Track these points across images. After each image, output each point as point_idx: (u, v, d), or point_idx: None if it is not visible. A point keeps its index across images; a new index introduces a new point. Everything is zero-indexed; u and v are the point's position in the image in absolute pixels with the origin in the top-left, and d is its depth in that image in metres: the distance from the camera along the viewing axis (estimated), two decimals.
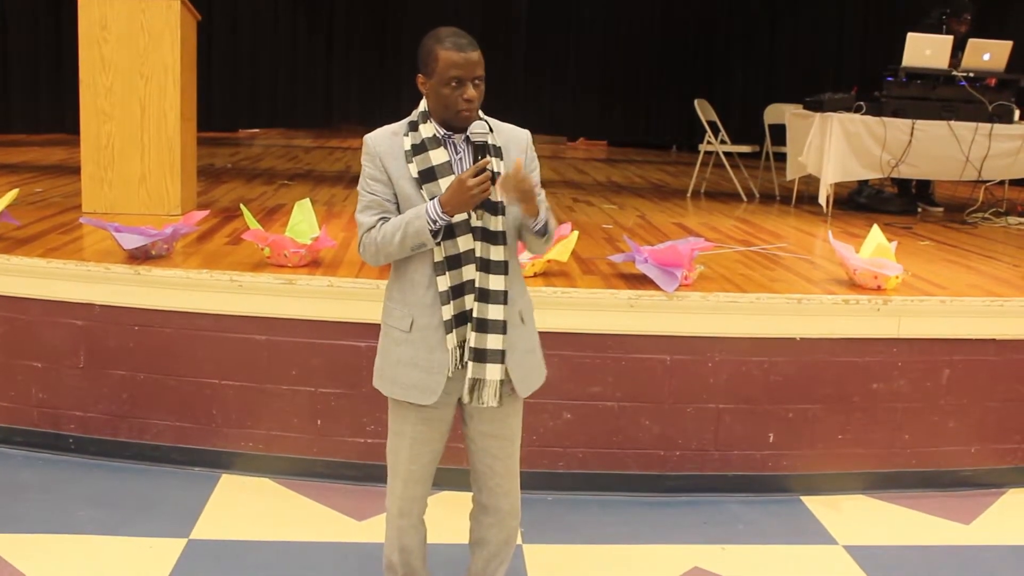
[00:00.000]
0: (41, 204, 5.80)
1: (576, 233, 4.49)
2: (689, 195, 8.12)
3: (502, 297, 2.54)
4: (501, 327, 2.54)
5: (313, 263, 4.31)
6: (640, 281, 4.18)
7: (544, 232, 2.57)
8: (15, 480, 3.98)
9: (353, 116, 13.14)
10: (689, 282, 4.16)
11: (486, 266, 2.53)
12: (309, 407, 4.07)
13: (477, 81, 2.47)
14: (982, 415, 4.23)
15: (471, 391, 2.57)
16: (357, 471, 4.06)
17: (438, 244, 2.48)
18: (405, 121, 2.58)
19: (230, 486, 4.02)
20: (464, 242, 2.51)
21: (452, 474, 3.36)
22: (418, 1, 12.55)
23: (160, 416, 4.15)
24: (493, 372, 2.55)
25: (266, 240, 4.25)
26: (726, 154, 8.08)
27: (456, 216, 2.46)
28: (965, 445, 4.25)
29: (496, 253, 2.54)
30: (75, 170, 6.24)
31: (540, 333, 2.57)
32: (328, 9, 12.94)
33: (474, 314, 2.52)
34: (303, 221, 4.39)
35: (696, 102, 8.17)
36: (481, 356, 2.54)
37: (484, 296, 2.52)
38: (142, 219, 4.97)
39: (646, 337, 4.02)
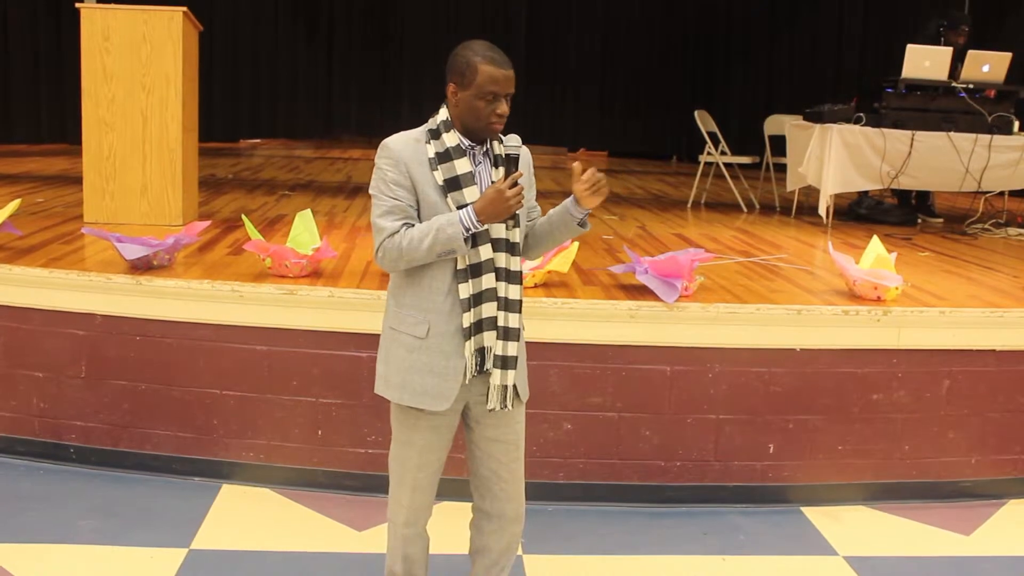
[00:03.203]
0: (43, 214, 5.82)
1: (576, 244, 4.49)
2: (689, 206, 8.13)
3: (518, 306, 2.64)
4: (517, 335, 2.64)
5: (314, 274, 4.32)
6: (640, 292, 4.19)
7: (585, 223, 2.67)
8: (16, 490, 3.98)
9: (354, 126, 13.17)
10: (689, 293, 4.17)
11: (508, 276, 2.60)
12: (310, 417, 4.08)
13: (509, 97, 2.53)
14: (982, 426, 4.23)
15: (499, 396, 2.63)
16: (358, 481, 4.07)
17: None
18: (423, 128, 2.60)
19: (231, 496, 4.02)
20: (485, 251, 2.56)
21: (452, 484, 3.36)
22: (417, 13, 12.58)
23: (161, 426, 4.15)
24: (512, 377, 2.64)
25: (267, 251, 4.26)
26: (726, 165, 8.09)
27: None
28: (965, 456, 4.25)
29: (515, 264, 2.62)
30: (77, 180, 6.25)
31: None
32: (328, 20, 12.98)
33: (499, 323, 2.59)
34: (304, 231, 4.40)
35: (696, 113, 8.19)
36: (506, 363, 2.61)
37: (507, 305, 2.60)
38: (144, 229, 4.99)
39: (646, 348, 4.03)
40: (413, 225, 2.52)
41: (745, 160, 8.36)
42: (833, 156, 6.59)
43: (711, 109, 8.54)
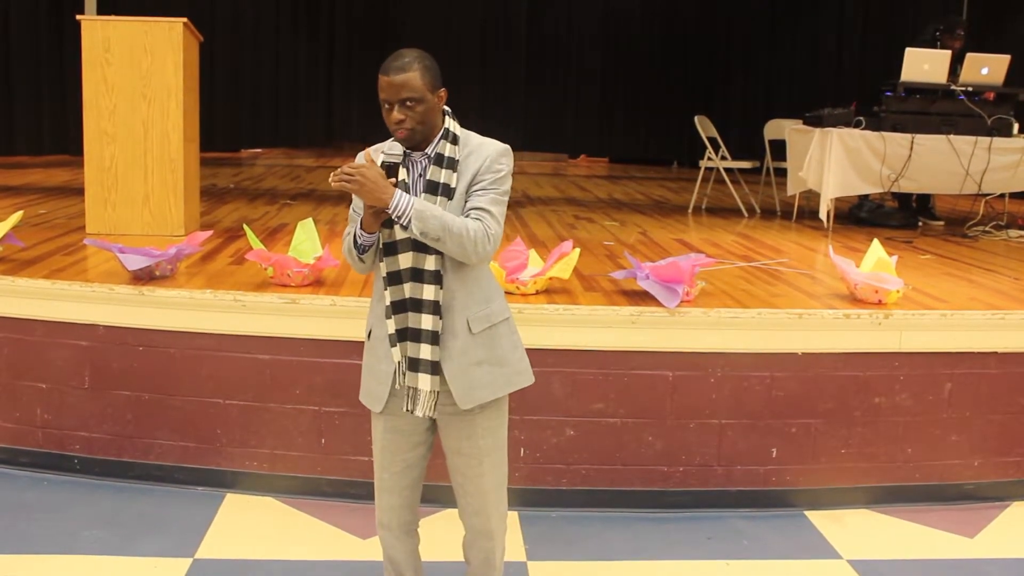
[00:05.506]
0: (45, 226, 5.83)
1: (578, 250, 4.50)
2: (690, 211, 8.14)
3: (432, 307, 2.54)
4: (431, 337, 2.54)
5: (316, 282, 4.33)
6: (642, 297, 4.20)
7: (394, 222, 2.46)
8: (20, 501, 3.99)
9: (355, 135, 13.18)
10: (691, 298, 4.18)
11: (419, 276, 2.54)
12: (313, 426, 4.08)
13: (409, 103, 2.44)
14: (984, 428, 4.23)
15: (410, 399, 2.60)
16: (361, 489, 4.06)
17: (366, 258, 2.57)
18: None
19: (234, 505, 4.03)
20: (404, 259, 2.55)
21: (451, 491, 3.36)
22: (418, 22, 12.63)
23: (164, 436, 4.16)
24: (424, 382, 2.57)
25: (269, 260, 4.27)
26: (727, 170, 8.10)
27: (399, 234, 2.51)
28: (968, 458, 4.25)
29: (430, 263, 2.53)
30: (79, 191, 6.27)
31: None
32: (329, 29, 13.02)
33: (409, 324, 2.56)
34: (306, 240, 4.41)
35: (696, 118, 8.20)
36: (414, 365, 2.57)
37: (416, 306, 2.55)
38: (146, 240, 5.00)
39: (648, 353, 4.03)
40: None
41: (745, 165, 8.37)
42: (833, 160, 6.60)
43: (711, 114, 8.56)
